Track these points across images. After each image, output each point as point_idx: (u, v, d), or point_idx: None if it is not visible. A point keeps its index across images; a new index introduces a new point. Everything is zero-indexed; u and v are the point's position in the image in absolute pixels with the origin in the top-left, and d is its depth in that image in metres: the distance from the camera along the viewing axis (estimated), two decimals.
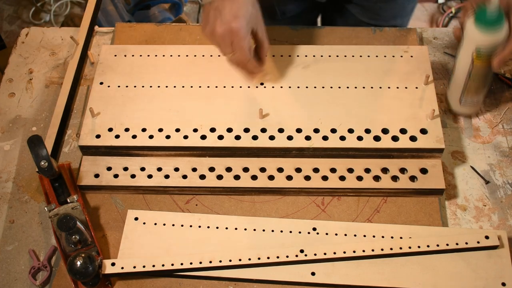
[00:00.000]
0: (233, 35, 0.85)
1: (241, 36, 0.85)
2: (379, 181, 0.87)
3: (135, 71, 0.99)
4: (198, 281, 0.81)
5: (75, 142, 0.97)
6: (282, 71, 0.97)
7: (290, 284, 0.80)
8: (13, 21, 2.36)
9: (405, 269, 0.80)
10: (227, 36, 0.85)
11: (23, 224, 0.88)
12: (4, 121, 1.00)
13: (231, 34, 0.85)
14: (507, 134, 0.95)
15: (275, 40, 1.09)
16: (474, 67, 0.88)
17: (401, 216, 0.87)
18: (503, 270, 0.79)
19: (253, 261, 0.80)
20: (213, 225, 0.85)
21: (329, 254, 0.80)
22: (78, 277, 0.76)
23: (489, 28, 0.83)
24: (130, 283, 0.81)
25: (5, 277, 0.83)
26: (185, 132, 0.90)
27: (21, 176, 0.93)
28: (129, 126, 0.91)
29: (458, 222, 0.86)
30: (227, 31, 0.84)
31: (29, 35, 1.12)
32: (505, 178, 0.91)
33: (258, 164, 0.90)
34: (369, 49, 1.00)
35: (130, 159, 0.91)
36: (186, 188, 0.88)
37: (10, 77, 1.06)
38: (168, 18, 2.04)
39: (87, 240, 0.82)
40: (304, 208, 0.88)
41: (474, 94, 0.93)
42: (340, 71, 0.97)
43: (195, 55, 1.00)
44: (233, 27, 0.84)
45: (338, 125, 0.90)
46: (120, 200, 0.89)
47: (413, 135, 0.89)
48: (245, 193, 0.89)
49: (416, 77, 0.95)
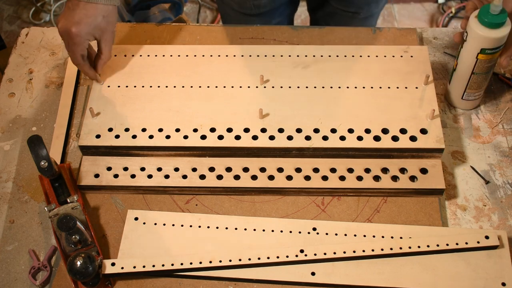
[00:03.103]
0: (69, 38, 0.91)
1: (75, 41, 0.91)
2: (379, 181, 0.87)
3: (135, 71, 0.99)
4: (198, 281, 0.81)
5: (75, 142, 0.97)
6: (282, 71, 0.97)
7: (290, 284, 0.80)
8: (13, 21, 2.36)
9: (405, 269, 0.80)
10: (65, 36, 0.92)
11: (23, 224, 0.88)
12: (4, 121, 1.00)
13: (68, 36, 0.91)
14: (507, 134, 0.95)
15: (275, 40, 1.09)
16: (477, 62, 0.89)
17: (401, 216, 0.87)
18: (503, 270, 0.79)
19: (253, 261, 0.80)
20: (213, 225, 0.85)
21: (329, 254, 0.80)
22: (78, 277, 0.76)
23: (492, 24, 0.84)
24: (130, 283, 0.81)
25: (5, 277, 0.83)
26: (185, 132, 0.90)
27: (21, 176, 0.93)
28: (129, 126, 0.91)
29: (458, 222, 0.86)
30: (65, 32, 0.91)
31: (29, 35, 1.12)
32: (505, 178, 0.90)
33: (258, 164, 0.90)
34: (369, 49, 1.00)
35: (130, 159, 0.91)
36: (186, 188, 0.88)
37: (10, 77, 1.06)
38: (168, 18, 2.04)
39: (87, 240, 0.82)
40: (304, 208, 0.88)
41: (476, 89, 0.94)
42: (340, 71, 0.97)
43: (195, 55, 1.00)
44: (72, 31, 0.90)
45: (338, 125, 0.90)
46: (120, 200, 0.89)
47: (413, 135, 0.89)
48: (245, 193, 0.89)
49: (416, 77, 0.96)
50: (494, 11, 0.84)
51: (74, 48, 0.92)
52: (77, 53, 0.93)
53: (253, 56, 1.00)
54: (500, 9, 0.84)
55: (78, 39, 0.91)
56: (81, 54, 0.93)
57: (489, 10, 0.84)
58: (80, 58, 0.93)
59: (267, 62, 0.99)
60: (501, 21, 0.84)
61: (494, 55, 0.89)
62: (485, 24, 0.85)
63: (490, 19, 0.84)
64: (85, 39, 0.92)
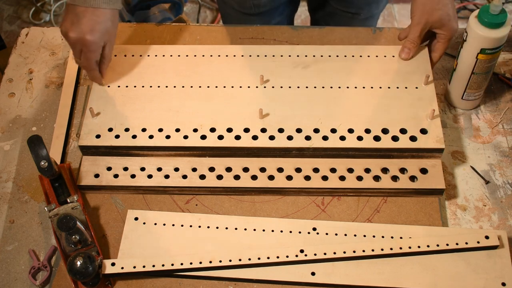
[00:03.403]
0: (84, 46, 0.90)
1: (92, 49, 0.91)
2: (379, 181, 0.87)
3: (135, 71, 0.99)
4: (198, 281, 0.81)
5: (75, 142, 0.97)
6: (282, 71, 0.97)
7: (290, 284, 0.80)
8: (13, 21, 2.36)
9: (405, 269, 0.80)
10: (79, 44, 0.91)
11: (23, 224, 0.88)
12: (4, 121, 1.00)
13: (82, 44, 0.90)
14: (507, 134, 0.95)
15: (275, 40, 1.09)
16: (477, 62, 0.89)
17: (401, 216, 0.87)
18: (503, 270, 0.79)
19: (253, 261, 0.80)
20: (213, 225, 0.85)
21: (329, 254, 0.80)
22: (78, 277, 0.76)
23: (492, 25, 0.84)
24: (130, 283, 0.81)
25: (5, 277, 0.83)
26: (185, 132, 0.90)
27: (21, 176, 0.93)
28: (129, 126, 0.91)
29: (458, 222, 0.86)
30: (79, 40, 0.90)
31: (29, 35, 1.12)
32: (505, 178, 0.90)
33: (258, 164, 0.90)
34: (369, 49, 1.00)
35: (130, 159, 0.91)
36: (186, 188, 0.88)
37: (10, 77, 1.06)
38: (168, 18, 2.04)
39: (87, 240, 0.82)
40: (304, 208, 0.88)
41: (476, 89, 0.94)
42: (340, 71, 0.97)
43: (195, 55, 1.00)
44: (87, 39, 0.89)
45: (338, 125, 0.90)
46: (120, 200, 0.89)
47: (413, 135, 0.89)
48: (245, 193, 0.89)
49: (416, 77, 0.95)
50: (494, 11, 0.84)
51: (90, 55, 0.92)
52: (92, 59, 0.92)
53: (253, 56, 1.00)
54: (500, 9, 0.84)
55: (94, 46, 0.90)
56: (95, 60, 0.93)
57: (489, 10, 0.84)
58: (94, 64, 0.93)
59: (267, 62, 0.99)
60: (501, 21, 0.85)
61: (494, 55, 0.89)
62: (485, 24, 0.85)
63: (490, 19, 0.84)
64: (100, 45, 0.92)
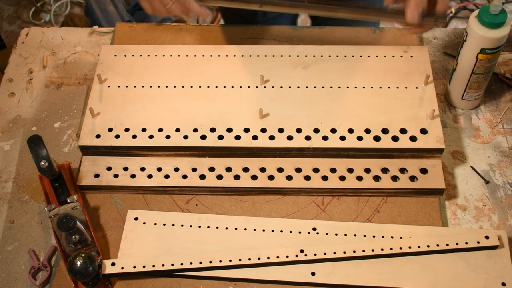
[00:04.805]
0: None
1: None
2: (379, 181, 0.87)
3: (135, 71, 0.99)
4: (198, 281, 0.81)
5: (75, 142, 0.97)
6: (282, 71, 0.97)
7: (290, 284, 0.80)
8: (13, 21, 2.36)
9: (405, 269, 0.80)
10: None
11: (23, 224, 0.88)
12: (4, 121, 1.00)
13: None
14: (507, 134, 0.95)
15: (275, 40, 1.09)
16: (477, 62, 0.89)
17: (401, 216, 0.87)
18: (503, 270, 0.79)
19: (253, 261, 0.80)
20: (213, 225, 0.85)
21: (329, 254, 0.80)
22: (78, 277, 0.76)
23: (492, 24, 0.84)
24: (130, 283, 0.81)
25: (5, 277, 0.83)
26: (185, 132, 0.90)
27: (21, 176, 0.93)
28: (129, 126, 0.91)
29: (458, 222, 0.86)
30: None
31: (29, 35, 1.12)
32: (505, 178, 0.90)
33: (258, 164, 0.90)
34: (369, 49, 1.00)
35: (130, 159, 0.91)
36: (186, 188, 0.88)
37: (10, 77, 1.06)
38: (168, 18, 2.04)
39: (87, 240, 0.82)
40: (304, 208, 0.88)
41: (476, 89, 0.94)
42: (340, 71, 0.97)
43: (195, 55, 1.00)
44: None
45: (338, 125, 0.90)
46: (120, 200, 0.89)
47: (413, 135, 0.89)
48: (245, 193, 0.89)
49: (416, 77, 0.96)
50: (494, 11, 0.84)
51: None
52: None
53: (253, 56, 1.00)
54: (500, 9, 0.84)
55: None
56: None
57: (489, 10, 0.84)
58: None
59: (267, 62, 0.99)
60: (501, 21, 0.85)
61: (494, 55, 0.89)
62: (485, 24, 0.85)
63: (490, 19, 0.84)
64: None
